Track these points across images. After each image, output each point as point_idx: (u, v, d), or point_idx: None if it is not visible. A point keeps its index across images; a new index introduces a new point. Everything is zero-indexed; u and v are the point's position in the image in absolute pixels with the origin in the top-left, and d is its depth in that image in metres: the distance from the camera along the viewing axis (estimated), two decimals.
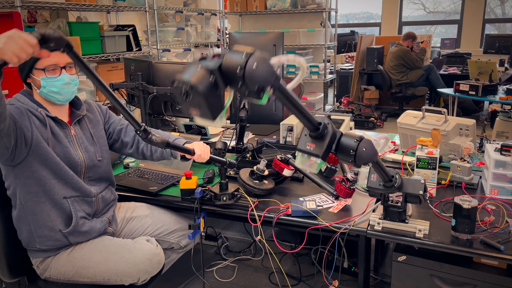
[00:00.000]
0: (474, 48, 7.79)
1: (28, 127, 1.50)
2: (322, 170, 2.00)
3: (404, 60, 6.03)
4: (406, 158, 2.08)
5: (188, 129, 2.64)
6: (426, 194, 1.46)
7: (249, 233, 2.62)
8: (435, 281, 1.52)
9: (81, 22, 4.18)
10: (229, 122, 2.82)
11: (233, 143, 2.35)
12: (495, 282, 1.44)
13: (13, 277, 1.67)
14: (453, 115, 4.97)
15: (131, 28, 4.26)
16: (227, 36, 5.89)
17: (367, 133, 2.67)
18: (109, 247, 1.63)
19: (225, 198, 1.72)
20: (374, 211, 1.61)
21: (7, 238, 1.63)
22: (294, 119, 2.46)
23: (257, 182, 1.80)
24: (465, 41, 8.10)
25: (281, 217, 1.64)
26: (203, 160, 1.72)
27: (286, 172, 1.86)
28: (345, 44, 7.66)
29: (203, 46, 5.62)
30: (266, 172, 1.83)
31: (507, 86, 4.66)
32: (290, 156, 1.89)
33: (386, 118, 6.20)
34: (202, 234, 1.76)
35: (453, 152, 2.04)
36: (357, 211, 1.66)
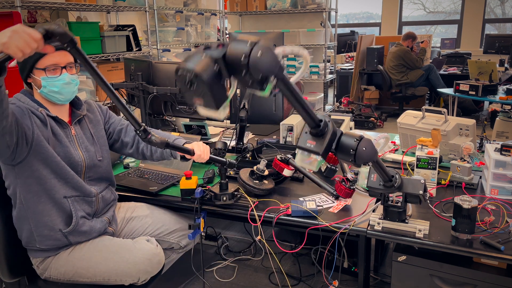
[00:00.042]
0: (474, 48, 7.78)
1: (29, 126, 1.50)
2: (322, 170, 2.00)
3: (404, 60, 6.03)
4: (406, 158, 2.08)
5: (188, 129, 2.64)
6: (426, 194, 1.46)
7: (249, 233, 2.62)
8: (435, 281, 1.52)
9: (81, 22, 4.18)
10: (229, 122, 2.81)
11: (233, 143, 2.35)
12: (495, 282, 1.44)
13: (13, 277, 1.67)
14: (453, 115, 4.97)
15: (131, 28, 4.26)
16: (227, 36, 5.90)
17: (367, 133, 2.67)
18: (109, 247, 1.63)
19: (225, 198, 1.72)
20: (374, 211, 1.61)
21: (7, 238, 1.63)
22: (294, 119, 2.46)
23: (257, 182, 1.80)
24: (465, 41, 8.10)
25: (281, 217, 1.64)
26: (203, 160, 1.72)
27: (286, 172, 1.86)
28: (345, 44, 7.66)
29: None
30: (266, 172, 1.83)
31: (507, 86, 4.65)
32: (290, 156, 1.89)
33: (386, 118, 6.20)
34: (202, 234, 1.76)
35: (453, 152, 2.04)
36: (357, 211, 1.66)
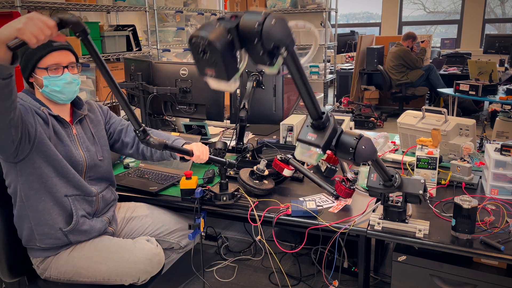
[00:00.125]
0: (474, 48, 7.78)
1: (32, 124, 1.50)
2: (322, 170, 2.00)
3: (404, 60, 6.03)
4: (406, 158, 2.08)
5: (188, 129, 2.64)
6: (426, 194, 1.46)
7: (249, 233, 2.62)
8: (435, 281, 1.52)
9: None
10: (229, 122, 2.82)
11: (233, 143, 2.35)
12: (495, 282, 1.44)
13: (13, 277, 1.67)
14: (453, 115, 4.97)
15: (131, 28, 4.26)
16: None
17: (367, 133, 2.67)
18: (109, 247, 1.64)
19: (225, 198, 1.72)
20: (374, 211, 1.61)
21: (7, 238, 1.64)
22: (294, 119, 2.46)
23: (257, 182, 1.80)
24: (465, 41, 8.10)
25: (281, 217, 1.64)
26: (202, 161, 1.73)
27: (286, 172, 1.86)
28: (345, 44, 7.66)
29: None
30: (266, 172, 1.83)
31: (507, 86, 4.66)
32: (290, 156, 1.89)
33: (386, 118, 6.20)
34: (202, 234, 1.76)
35: (453, 152, 2.04)
36: (357, 211, 1.66)
